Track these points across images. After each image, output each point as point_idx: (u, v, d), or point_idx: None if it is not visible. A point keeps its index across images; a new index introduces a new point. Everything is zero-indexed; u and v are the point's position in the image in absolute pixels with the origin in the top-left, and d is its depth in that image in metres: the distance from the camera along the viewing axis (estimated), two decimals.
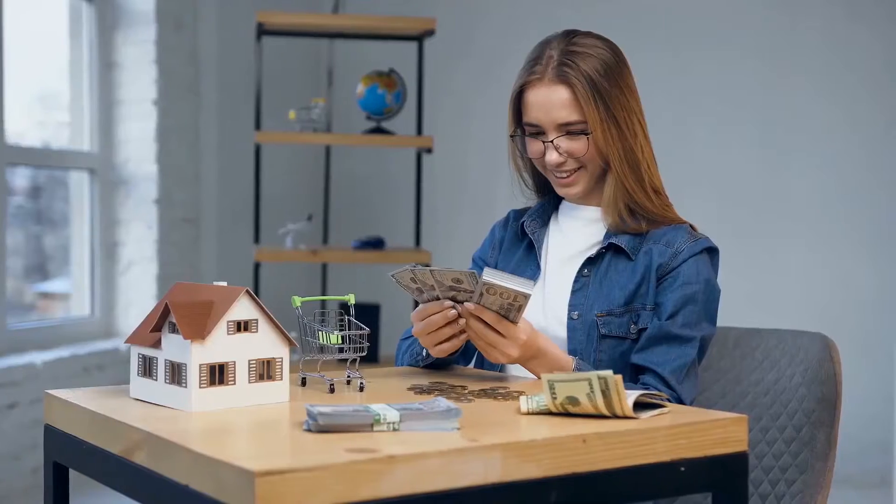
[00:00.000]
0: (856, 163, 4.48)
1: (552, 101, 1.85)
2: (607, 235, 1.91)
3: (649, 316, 1.84)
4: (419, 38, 4.14)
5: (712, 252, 1.90)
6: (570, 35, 1.90)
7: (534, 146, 1.92)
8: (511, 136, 1.96)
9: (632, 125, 1.86)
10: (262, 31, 4.04)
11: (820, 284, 4.49)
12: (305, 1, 5.08)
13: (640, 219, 1.89)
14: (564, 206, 2.00)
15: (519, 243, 2.02)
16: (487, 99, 4.77)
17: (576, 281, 1.90)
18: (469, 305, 1.70)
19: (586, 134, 1.85)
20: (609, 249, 1.89)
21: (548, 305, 1.90)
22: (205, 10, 4.58)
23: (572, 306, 1.88)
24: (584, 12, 4.61)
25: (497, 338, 1.70)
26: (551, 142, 1.88)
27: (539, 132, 1.90)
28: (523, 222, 2.01)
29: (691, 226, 1.92)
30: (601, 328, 1.84)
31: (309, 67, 5.19)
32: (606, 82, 1.84)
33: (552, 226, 2.00)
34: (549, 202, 2.02)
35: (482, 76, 4.95)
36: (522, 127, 1.93)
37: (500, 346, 1.71)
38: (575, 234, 1.95)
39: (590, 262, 1.90)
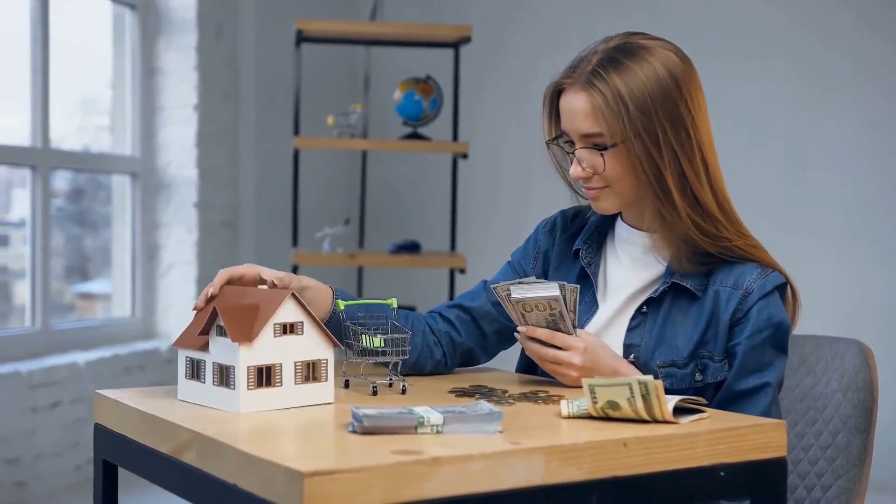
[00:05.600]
0: (883, 178, 4.46)
1: (574, 109, 1.70)
2: (669, 272, 1.75)
3: (718, 368, 1.71)
4: (455, 45, 4.17)
5: (782, 288, 1.73)
6: (627, 37, 1.72)
7: (565, 157, 1.78)
8: (546, 144, 1.79)
9: (668, 145, 1.67)
10: (301, 38, 4.08)
11: (852, 295, 4.47)
12: (344, 9, 5.12)
13: (702, 256, 1.72)
14: (619, 226, 1.83)
15: (571, 264, 1.87)
16: (523, 105, 4.79)
17: (633, 318, 1.76)
18: (521, 329, 1.70)
19: (604, 148, 1.69)
20: (671, 288, 1.74)
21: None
22: (245, 17, 4.63)
23: (629, 347, 1.75)
24: (621, 20, 4.61)
25: (556, 353, 1.67)
26: (573, 153, 1.73)
27: (569, 141, 1.74)
28: (578, 249, 1.85)
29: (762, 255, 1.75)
30: (663, 380, 1.66)
31: (347, 74, 5.23)
32: (642, 98, 1.65)
33: (608, 250, 1.84)
34: (605, 218, 1.86)
35: (518, 83, 4.97)
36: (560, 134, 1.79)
37: (563, 360, 1.67)
38: (633, 265, 1.80)
39: (649, 301, 1.76)
